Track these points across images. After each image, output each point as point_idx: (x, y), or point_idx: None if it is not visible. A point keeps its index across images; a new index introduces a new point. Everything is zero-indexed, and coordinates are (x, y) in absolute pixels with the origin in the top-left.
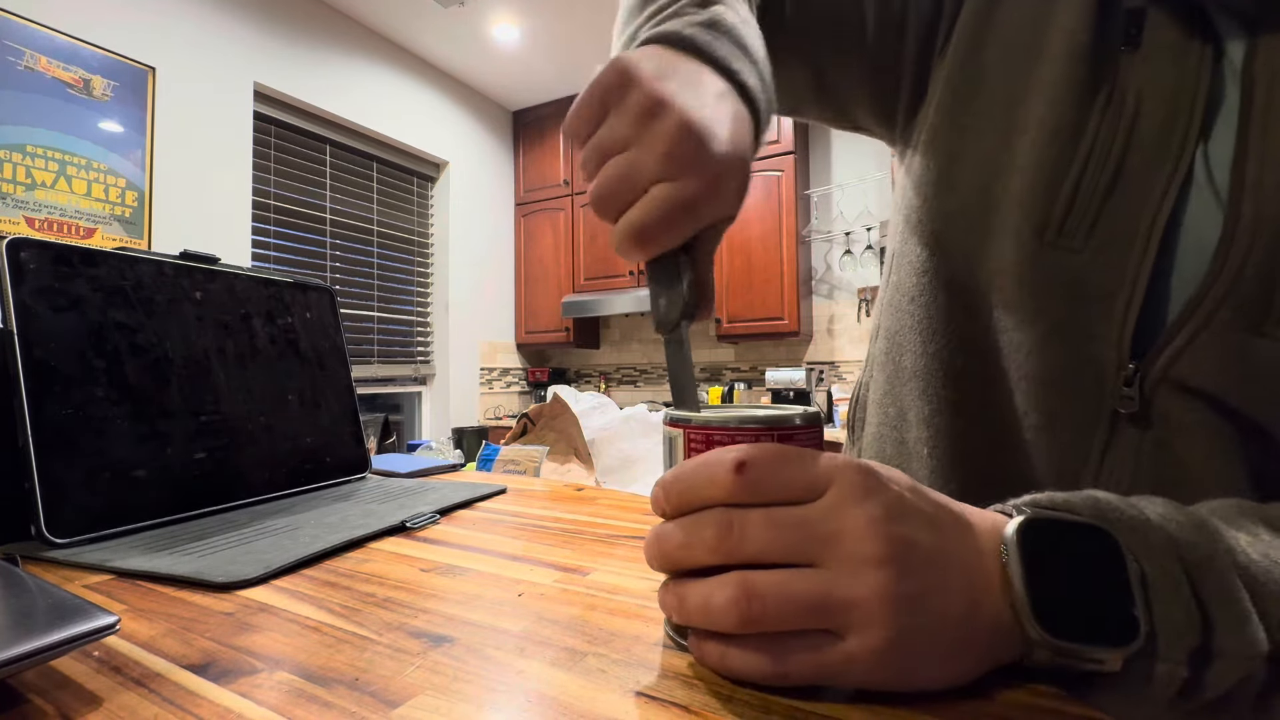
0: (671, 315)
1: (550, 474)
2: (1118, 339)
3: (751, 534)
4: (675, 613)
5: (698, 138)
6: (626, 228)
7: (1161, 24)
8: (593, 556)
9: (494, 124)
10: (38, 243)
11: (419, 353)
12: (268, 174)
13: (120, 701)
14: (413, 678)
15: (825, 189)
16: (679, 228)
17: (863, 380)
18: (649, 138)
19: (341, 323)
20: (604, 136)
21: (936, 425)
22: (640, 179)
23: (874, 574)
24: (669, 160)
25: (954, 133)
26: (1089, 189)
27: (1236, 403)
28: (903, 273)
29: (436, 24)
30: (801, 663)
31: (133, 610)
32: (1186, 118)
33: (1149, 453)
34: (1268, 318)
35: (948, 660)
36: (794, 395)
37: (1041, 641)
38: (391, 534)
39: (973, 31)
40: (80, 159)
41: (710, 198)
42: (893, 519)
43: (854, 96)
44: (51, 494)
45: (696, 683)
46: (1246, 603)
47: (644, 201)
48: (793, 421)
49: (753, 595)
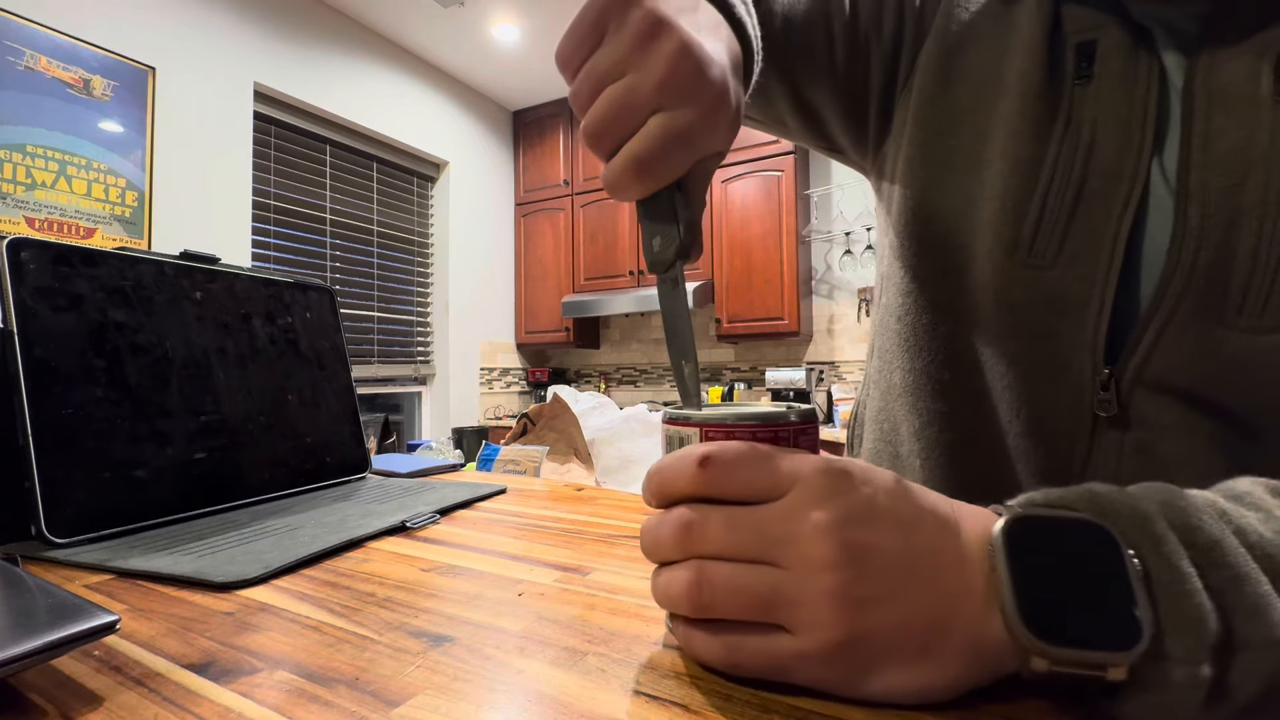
0: (666, 254)
1: (550, 474)
2: (1092, 344)
3: (710, 534)
4: (654, 595)
5: (697, 62)
6: (627, 160)
7: (1110, 53)
8: (593, 556)
9: (494, 124)
10: (38, 243)
11: (419, 353)
12: (268, 174)
13: (120, 701)
14: (413, 677)
15: (825, 189)
16: (679, 159)
17: (860, 398)
18: (649, 61)
19: (341, 323)
20: (600, 61)
21: (927, 438)
22: (639, 107)
23: (824, 577)
24: (668, 87)
25: (927, 167)
26: (1053, 212)
27: (1212, 396)
28: (889, 294)
29: (436, 24)
30: (752, 654)
31: (133, 610)
32: (1139, 139)
33: (1131, 455)
34: (1226, 309)
35: (910, 668)
36: (794, 395)
37: (1033, 648)
38: (391, 534)
39: (938, 72)
40: (80, 159)
41: (709, 128)
42: (852, 523)
43: (829, 118)
44: (51, 494)
45: (696, 683)
46: (1266, 585)
47: (644, 133)
48: (788, 419)
49: (704, 582)
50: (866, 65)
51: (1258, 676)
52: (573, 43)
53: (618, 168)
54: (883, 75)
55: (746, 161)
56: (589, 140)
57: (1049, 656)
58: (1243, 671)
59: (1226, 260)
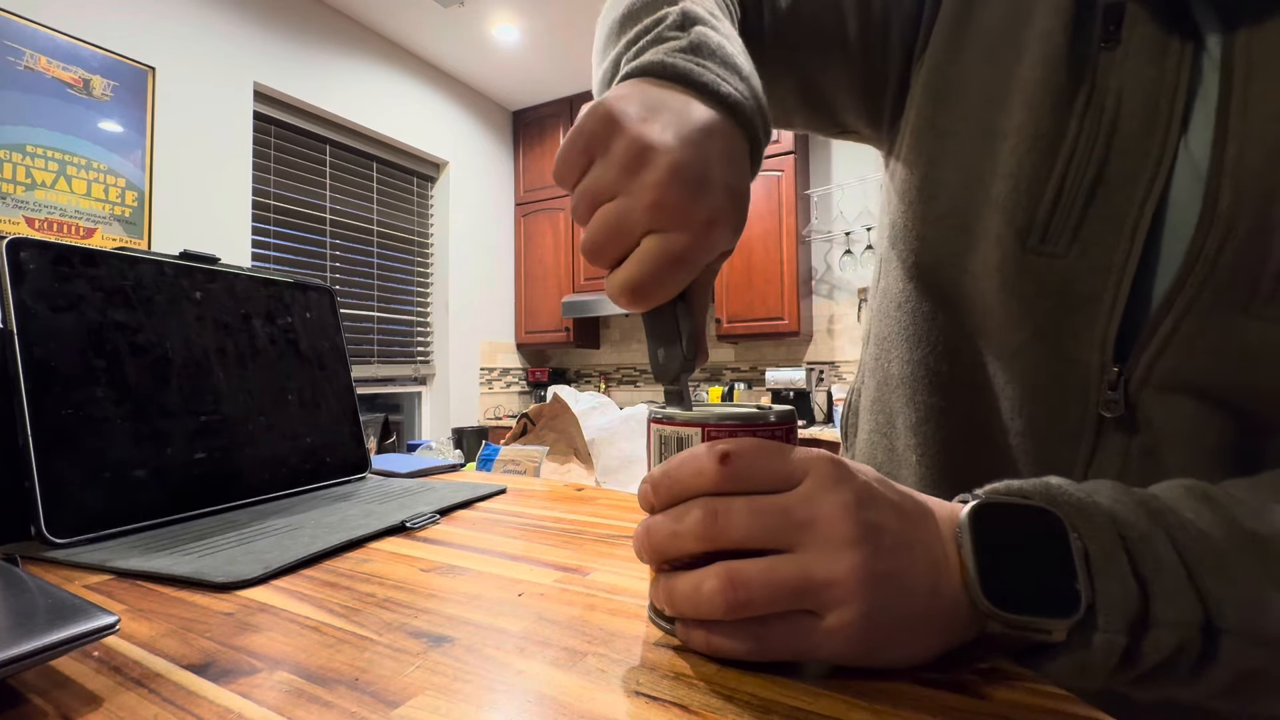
0: (671, 368)
1: (550, 474)
2: (1101, 342)
3: (736, 520)
4: (667, 605)
5: (686, 185)
6: (621, 285)
7: (1141, 19)
8: (593, 556)
9: (494, 124)
10: (38, 243)
11: (419, 353)
12: (268, 174)
13: (120, 701)
14: (413, 678)
15: (825, 189)
16: (673, 281)
17: (855, 386)
18: (637, 187)
19: (341, 323)
20: (591, 184)
21: (924, 433)
22: (631, 229)
23: (849, 554)
24: (658, 211)
25: (933, 137)
26: (1071, 194)
27: (1227, 393)
28: (889, 279)
29: (436, 24)
30: (781, 640)
31: (133, 610)
32: (1167, 117)
33: (1136, 459)
34: (1255, 297)
35: (913, 637)
36: (794, 395)
37: (991, 614)
38: (391, 534)
39: (949, 34)
40: (80, 159)
41: (703, 246)
42: (863, 505)
43: (841, 101)
44: (51, 494)
45: (696, 683)
46: (1182, 576)
47: (636, 257)
48: (767, 418)
49: (738, 583)
50: (885, 35)
51: (1163, 649)
52: (565, 167)
53: (615, 289)
54: (901, 46)
55: None
56: (588, 258)
57: (1004, 621)
58: (1152, 644)
59: (1259, 244)
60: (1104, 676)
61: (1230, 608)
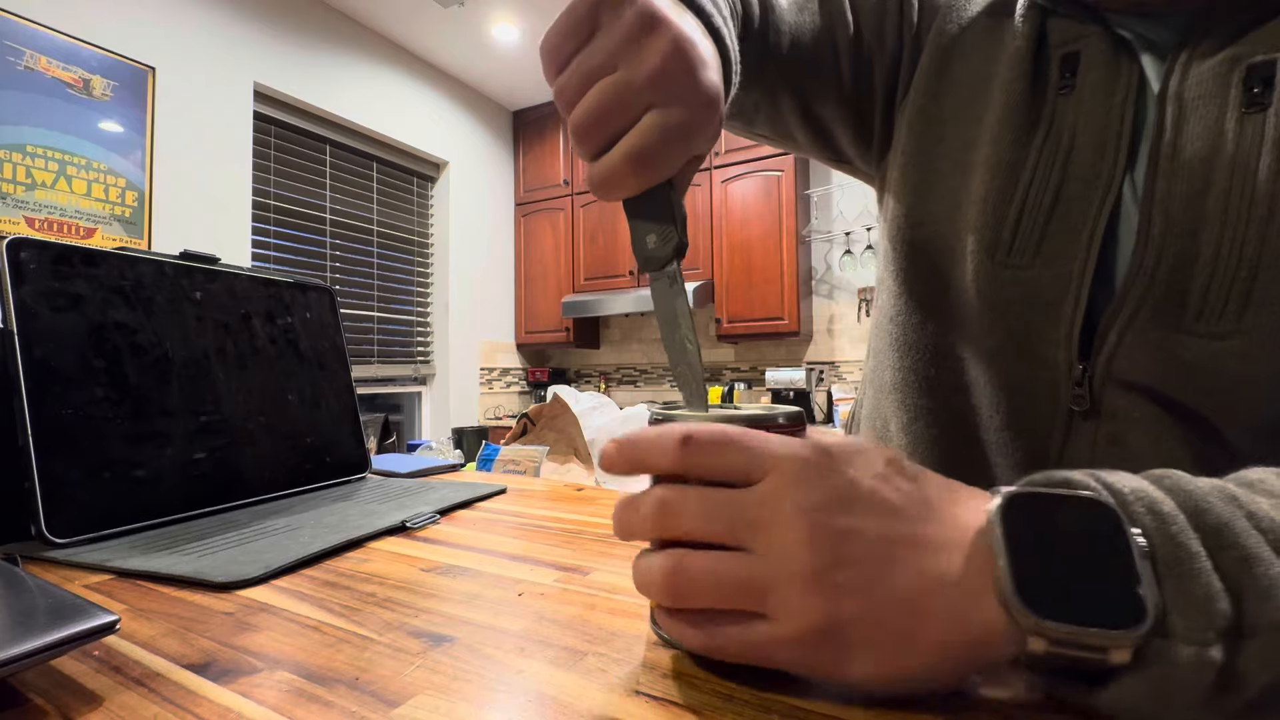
0: (664, 251)
1: (550, 474)
2: (1066, 341)
3: (685, 511)
4: (634, 582)
5: (690, 61)
6: (625, 155)
7: (1093, 63)
8: (593, 556)
9: (494, 124)
10: (38, 243)
11: (419, 353)
12: (268, 174)
13: (120, 701)
14: (413, 677)
15: (825, 189)
16: (676, 155)
17: (858, 398)
18: (643, 56)
19: (341, 323)
20: (591, 54)
21: (914, 432)
22: (633, 102)
23: (796, 562)
24: (663, 82)
25: (919, 174)
26: (1032, 214)
27: (1174, 395)
28: (883, 297)
29: (436, 24)
30: (731, 640)
31: (133, 610)
32: (1114, 145)
33: (1103, 447)
34: (1184, 315)
35: (890, 654)
36: (794, 395)
37: (1030, 627)
38: (391, 534)
39: (930, 83)
40: (80, 159)
41: (702, 125)
42: (830, 508)
43: (837, 132)
44: (51, 494)
45: (697, 683)
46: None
47: (640, 128)
48: (776, 420)
49: (679, 571)
50: (870, 79)
51: (1270, 666)
52: (562, 34)
53: (614, 163)
54: (885, 88)
55: (746, 161)
56: (577, 134)
57: (1048, 635)
58: (1253, 658)
59: (1187, 267)
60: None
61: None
